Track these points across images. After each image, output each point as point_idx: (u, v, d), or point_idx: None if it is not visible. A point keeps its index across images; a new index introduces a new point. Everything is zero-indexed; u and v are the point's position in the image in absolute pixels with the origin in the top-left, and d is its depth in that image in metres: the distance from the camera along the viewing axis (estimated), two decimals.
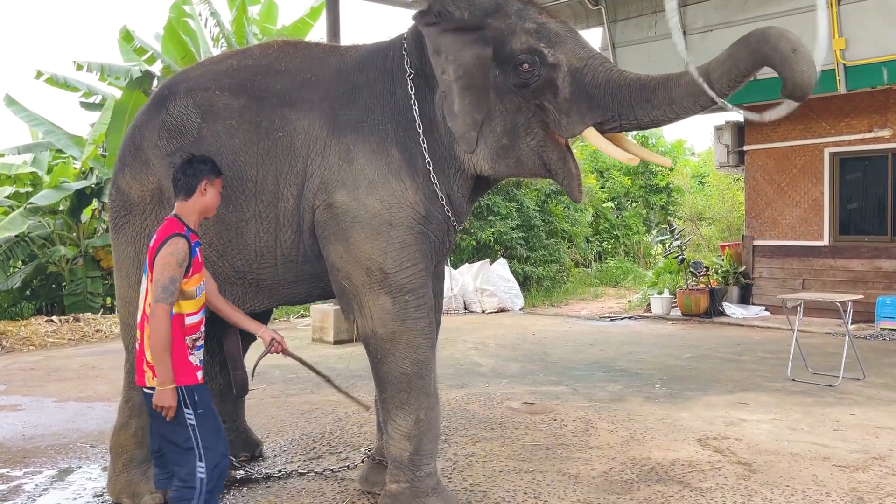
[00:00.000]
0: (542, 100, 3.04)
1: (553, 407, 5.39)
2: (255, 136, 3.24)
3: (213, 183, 2.96)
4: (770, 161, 10.31)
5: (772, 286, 10.21)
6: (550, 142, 3.11)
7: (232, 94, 3.30)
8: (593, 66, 3.00)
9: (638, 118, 2.97)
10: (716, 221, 15.20)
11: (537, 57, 2.99)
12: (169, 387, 2.75)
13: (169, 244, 2.78)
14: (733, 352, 7.63)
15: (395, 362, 3.19)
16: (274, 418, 5.20)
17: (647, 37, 9.77)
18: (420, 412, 3.20)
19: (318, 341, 8.69)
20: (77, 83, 12.18)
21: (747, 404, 5.42)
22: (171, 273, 2.74)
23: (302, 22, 13.06)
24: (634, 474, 3.94)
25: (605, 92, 2.96)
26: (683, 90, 2.87)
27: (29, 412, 5.62)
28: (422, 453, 3.23)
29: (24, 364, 7.68)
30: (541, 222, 13.80)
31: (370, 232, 3.14)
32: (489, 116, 3.09)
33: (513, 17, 3.06)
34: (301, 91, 3.28)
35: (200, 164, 2.95)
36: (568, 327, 9.82)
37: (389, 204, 3.15)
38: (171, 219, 2.92)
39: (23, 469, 4.27)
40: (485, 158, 3.16)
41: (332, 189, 3.17)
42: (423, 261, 3.24)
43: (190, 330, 2.86)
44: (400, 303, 3.16)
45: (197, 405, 2.83)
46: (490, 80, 3.06)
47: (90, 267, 11.22)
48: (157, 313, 2.73)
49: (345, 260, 3.19)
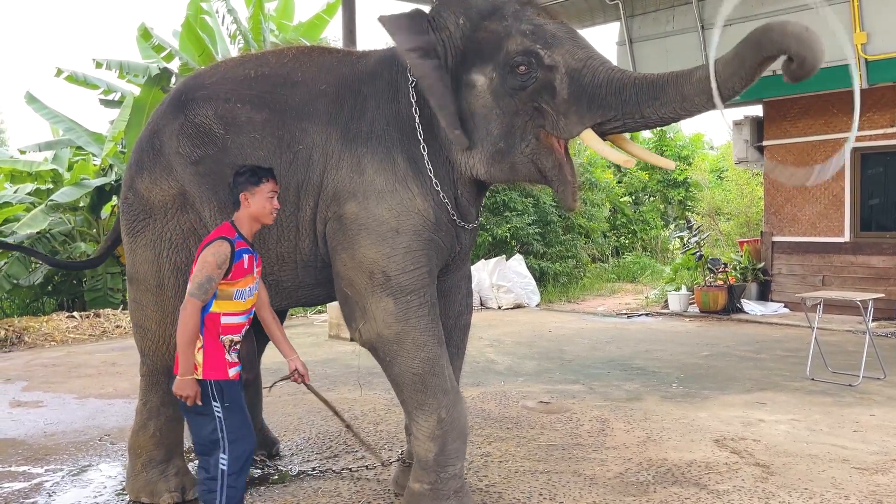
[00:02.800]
0: (539, 102, 3.00)
1: (569, 406, 5.39)
2: (278, 150, 3.26)
3: (255, 191, 2.99)
4: (790, 156, 10.20)
5: (791, 283, 10.12)
6: (546, 148, 3.07)
7: (254, 107, 3.32)
8: (592, 66, 2.95)
9: (645, 116, 2.91)
10: (734, 217, 15.08)
11: (533, 58, 2.96)
12: (188, 377, 2.87)
13: (213, 245, 2.90)
14: (752, 350, 7.58)
15: (405, 363, 3.19)
16: (291, 416, 5.23)
17: (664, 31, 9.70)
18: (441, 411, 3.19)
19: (334, 338, 8.74)
20: (96, 80, 12.29)
21: (765, 404, 5.38)
22: (209, 272, 2.86)
23: (318, 18, 13.07)
24: (650, 476, 3.93)
25: (606, 91, 2.91)
26: (695, 87, 2.81)
27: (50, 409, 5.70)
28: (447, 453, 3.21)
29: (46, 360, 7.78)
30: (557, 218, 13.76)
31: (376, 238, 3.15)
32: (485, 120, 3.07)
33: (509, 19, 3.04)
34: (317, 103, 3.29)
35: (238, 177, 3.02)
36: (584, 324, 9.80)
37: (398, 212, 3.16)
38: (227, 223, 3.04)
39: (44, 466, 4.34)
40: (481, 162, 3.16)
41: (343, 200, 3.19)
42: (428, 264, 3.24)
43: (227, 330, 2.96)
44: (402, 303, 3.16)
45: (224, 398, 2.93)
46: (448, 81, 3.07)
47: (110, 263, 11.28)
48: (188, 307, 2.86)
49: (348, 267, 3.20)
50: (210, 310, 2.92)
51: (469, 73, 3.09)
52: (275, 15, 13.38)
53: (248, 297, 3.02)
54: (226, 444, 2.93)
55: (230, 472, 2.93)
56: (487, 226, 12.58)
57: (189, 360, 2.87)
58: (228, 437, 2.93)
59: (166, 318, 3.46)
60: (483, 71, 3.06)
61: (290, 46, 3.65)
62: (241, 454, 2.97)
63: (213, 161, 3.31)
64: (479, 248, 12.67)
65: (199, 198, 3.35)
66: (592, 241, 15.59)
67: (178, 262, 3.42)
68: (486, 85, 3.06)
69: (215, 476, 2.93)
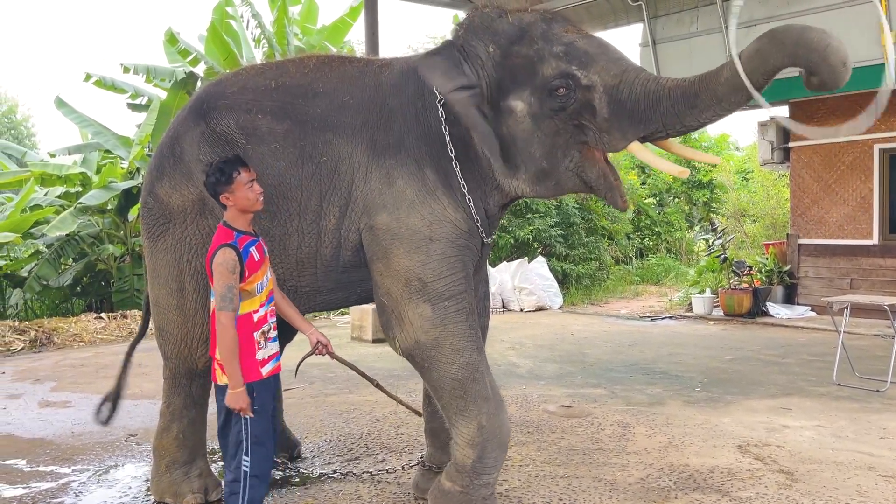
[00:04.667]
0: (580, 120, 3.04)
1: (590, 410, 5.37)
2: (300, 160, 3.29)
3: (232, 189, 2.99)
4: (817, 158, 10.06)
5: (818, 286, 9.97)
6: (589, 160, 3.11)
7: (275, 117, 3.34)
8: (629, 80, 2.96)
9: (686, 125, 2.96)
10: (760, 219, 14.90)
11: (571, 80, 2.98)
12: (240, 389, 2.91)
13: (218, 255, 2.93)
14: (777, 354, 7.49)
15: (444, 369, 3.19)
16: (312, 418, 5.27)
17: (688, 32, 9.61)
18: (481, 418, 3.18)
19: (357, 339, 8.79)
20: (124, 85, 12.48)
21: (790, 410, 5.32)
22: (226, 282, 2.89)
23: (342, 21, 13.16)
24: (672, 481, 3.91)
25: (645, 106, 2.94)
26: (726, 86, 2.82)
27: (78, 409, 5.80)
28: (485, 461, 3.21)
29: (74, 360, 7.92)
30: (580, 219, 13.70)
31: (409, 247, 3.17)
32: (527, 143, 3.10)
33: (539, 41, 3.04)
34: (341, 115, 3.32)
35: (210, 180, 3.01)
36: (607, 327, 9.75)
37: (430, 221, 3.18)
38: (221, 227, 3.06)
39: (71, 466, 4.42)
40: (526, 182, 3.20)
41: (375, 212, 3.22)
42: (464, 269, 3.26)
43: (259, 324, 3.02)
44: (440, 309, 3.17)
45: (255, 401, 2.97)
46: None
47: (137, 264, 11.49)
48: (222, 321, 2.89)
49: (384, 276, 3.22)
50: (239, 313, 2.96)
51: (506, 99, 3.11)
52: (299, 19, 13.49)
53: (266, 285, 3.07)
54: (248, 446, 2.97)
55: (252, 474, 2.98)
56: (510, 228, 12.57)
57: (236, 372, 2.91)
58: (252, 440, 2.97)
59: (187, 321, 3.50)
60: (520, 96, 3.08)
61: (311, 55, 3.66)
62: (264, 457, 3.02)
63: None
64: (502, 251, 12.65)
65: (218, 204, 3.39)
66: (616, 243, 15.51)
67: (199, 265, 3.46)
68: (525, 110, 3.08)
69: (238, 477, 2.98)
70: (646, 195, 17.58)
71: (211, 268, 2.95)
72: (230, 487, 3.00)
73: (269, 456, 3.06)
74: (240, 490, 2.97)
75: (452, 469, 3.28)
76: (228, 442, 3.04)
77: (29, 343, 8.83)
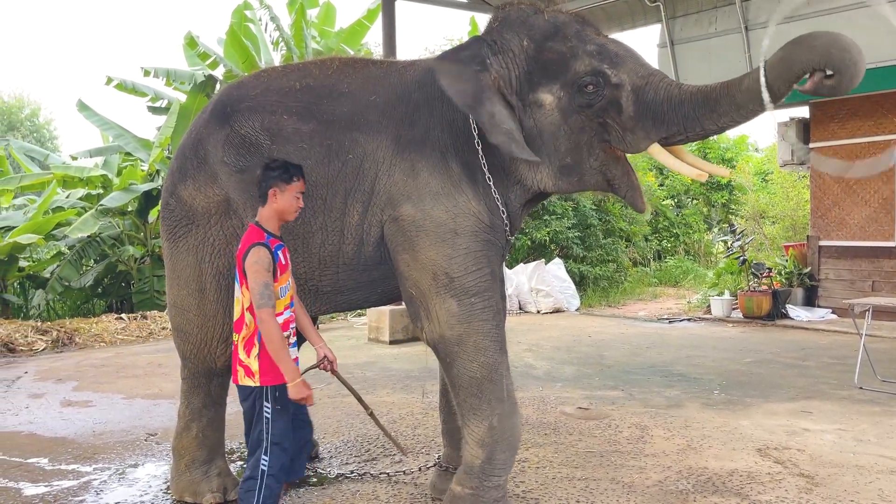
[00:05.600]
0: (605, 118, 3.10)
1: (608, 412, 5.34)
2: (326, 158, 3.32)
3: (284, 189, 3.05)
4: (837, 158, 9.96)
5: (839, 288, 9.87)
6: (612, 158, 3.18)
7: (300, 118, 3.37)
8: (654, 82, 3.05)
9: (705, 129, 3.05)
10: (780, 220, 14.76)
11: (601, 78, 3.05)
12: (298, 380, 2.95)
13: (251, 254, 2.95)
14: (797, 357, 7.41)
15: (464, 365, 3.21)
16: (330, 419, 5.29)
17: (707, 33, 9.55)
18: (493, 419, 3.19)
19: (373, 341, 8.81)
20: (144, 88, 12.63)
21: (811, 413, 5.27)
22: (263, 279, 2.92)
23: (359, 24, 13.23)
24: (690, 484, 3.88)
25: (668, 108, 3.02)
26: (746, 95, 2.91)
27: (99, 409, 5.86)
28: (494, 462, 3.22)
29: (95, 360, 8.01)
30: (597, 221, 13.65)
31: (435, 239, 3.20)
32: (553, 136, 3.15)
33: (573, 39, 3.12)
34: (367, 113, 3.35)
35: (269, 171, 3.07)
36: (625, 329, 9.70)
37: (454, 213, 3.21)
38: (252, 226, 3.08)
39: (92, 465, 4.47)
40: (549, 176, 3.24)
41: (398, 203, 3.24)
42: (489, 265, 3.28)
43: (281, 328, 3.02)
44: (466, 305, 3.19)
45: (276, 401, 3.01)
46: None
47: (157, 266, 11.60)
48: (264, 318, 2.91)
49: (412, 268, 3.25)
50: None
51: (535, 91, 3.16)
52: (316, 22, 13.57)
53: (288, 290, 3.09)
54: (268, 445, 3.00)
55: (270, 473, 3.00)
56: (527, 229, 12.54)
57: (289, 364, 2.94)
58: (272, 439, 3.00)
59: (207, 322, 3.53)
60: (550, 90, 3.14)
61: (333, 57, 3.69)
62: (283, 456, 3.04)
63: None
64: (519, 252, 12.64)
65: (242, 205, 3.42)
66: (633, 245, 15.44)
67: (220, 266, 3.49)
68: (553, 103, 3.14)
69: (255, 475, 3.00)
70: (664, 197, 17.48)
71: (243, 266, 2.98)
72: (247, 485, 3.03)
73: (289, 456, 3.07)
74: (255, 488, 3.00)
75: (462, 472, 3.29)
76: (251, 440, 3.07)
77: (51, 343, 8.94)
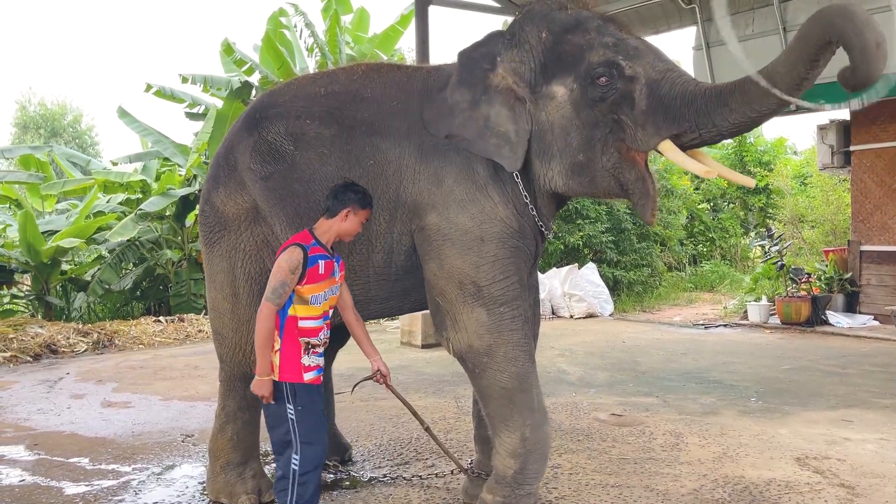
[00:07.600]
0: (619, 114, 2.99)
1: (642, 419, 5.29)
2: (347, 164, 3.34)
3: (357, 213, 3.12)
4: (879, 162, 9.74)
5: (881, 294, 9.63)
6: (628, 161, 3.05)
7: (322, 122, 3.40)
8: (671, 78, 2.94)
9: (717, 125, 2.87)
10: (819, 225, 14.44)
11: (615, 69, 2.96)
12: (265, 378, 3.01)
13: (286, 252, 3.02)
14: (837, 364, 7.26)
15: (494, 376, 3.19)
16: (363, 422, 5.33)
17: (743, 35, 9.40)
18: (525, 429, 3.18)
19: (406, 345, 8.84)
20: (182, 94, 12.86)
21: (851, 422, 5.15)
22: (282, 278, 2.98)
23: (392, 30, 13.31)
24: (726, 493, 3.82)
25: (681, 103, 2.89)
26: (759, 89, 2.74)
27: (138, 409, 5.98)
28: (526, 473, 3.21)
29: (134, 362, 8.17)
30: (632, 225, 13.51)
31: (461, 248, 3.18)
32: (565, 131, 3.09)
33: (592, 32, 3.06)
34: (389, 119, 3.35)
35: (351, 192, 3.11)
36: (659, 334, 9.59)
37: (480, 220, 3.19)
38: (304, 230, 3.15)
39: (131, 465, 4.56)
40: (560, 174, 3.16)
41: (424, 212, 3.24)
42: (517, 273, 3.25)
43: (305, 333, 3.06)
44: (495, 315, 3.17)
45: (297, 401, 3.03)
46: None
47: (193, 269, 11.80)
48: (263, 311, 3.00)
49: (438, 276, 3.24)
50: (288, 313, 3.03)
51: (549, 84, 3.11)
52: (350, 28, 13.68)
53: (324, 302, 3.10)
54: (298, 445, 3.03)
55: (301, 473, 3.03)
56: (560, 233, 12.47)
57: (265, 361, 3.01)
58: (301, 440, 3.03)
59: (241, 325, 3.58)
60: (563, 82, 3.08)
61: (360, 63, 3.73)
62: (313, 457, 3.06)
63: (282, 177, 3.41)
64: (552, 257, 12.58)
65: (269, 212, 3.47)
66: (668, 249, 15.25)
67: (252, 272, 3.54)
68: (566, 96, 3.07)
69: (287, 475, 3.04)
70: (699, 200, 17.24)
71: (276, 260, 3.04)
72: (279, 485, 3.07)
73: (320, 456, 3.09)
74: (288, 487, 3.03)
75: (492, 481, 3.29)
76: (277, 440, 3.09)
77: (92, 345, 9.14)
